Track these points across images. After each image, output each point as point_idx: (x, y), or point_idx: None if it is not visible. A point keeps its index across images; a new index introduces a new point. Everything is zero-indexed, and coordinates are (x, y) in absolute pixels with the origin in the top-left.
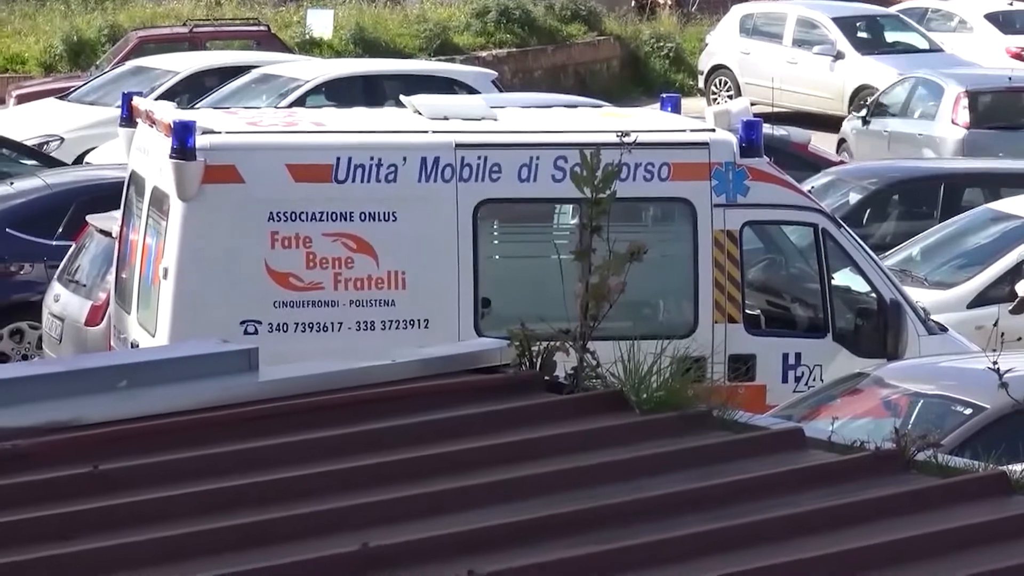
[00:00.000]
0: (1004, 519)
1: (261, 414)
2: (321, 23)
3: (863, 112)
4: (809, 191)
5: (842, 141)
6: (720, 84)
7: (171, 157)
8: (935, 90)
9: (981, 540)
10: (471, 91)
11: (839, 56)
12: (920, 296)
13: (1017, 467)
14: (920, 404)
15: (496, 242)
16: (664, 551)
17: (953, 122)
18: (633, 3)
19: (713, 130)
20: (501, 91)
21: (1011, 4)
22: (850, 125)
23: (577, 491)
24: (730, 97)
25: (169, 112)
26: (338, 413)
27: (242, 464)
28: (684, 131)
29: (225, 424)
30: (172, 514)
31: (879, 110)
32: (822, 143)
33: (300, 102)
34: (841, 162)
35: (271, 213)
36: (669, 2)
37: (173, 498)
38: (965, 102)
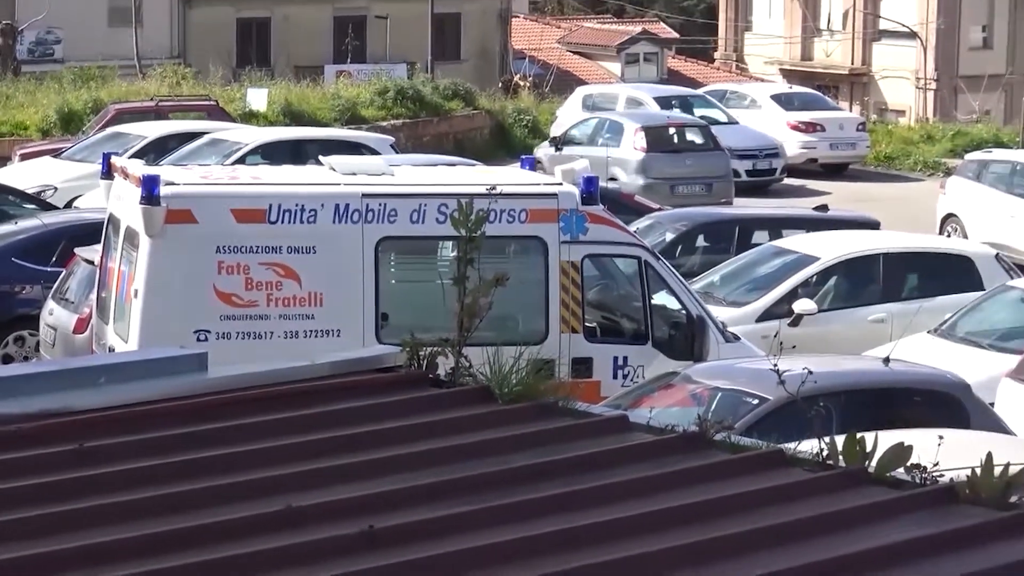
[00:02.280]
0: (781, 486)
1: (210, 404)
2: (258, 99)
3: (555, 142)
4: (634, 231)
5: (537, 162)
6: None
7: (140, 203)
8: (618, 127)
9: (764, 502)
10: (374, 152)
11: None
12: (719, 312)
13: (791, 445)
14: (719, 396)
15: (392, 270)
16: (515, 512)
17: (634, 148)
18: (500, 84)
19: (561, 184)
20: (397, 152)
21: (791, 88)
22: (542, 152)
23: (453, 464)
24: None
25: (139, 168)
26: (269, 403)
27: (194, 442)
28: (538, 185)
29: (182, 412)
30: (143, 480)
31: (568, 140)
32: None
33: (241, 161)
34: (660, 208)
35: (218, 246)
36: (527, 84)
37: (144, 468)
38: (642, 134)
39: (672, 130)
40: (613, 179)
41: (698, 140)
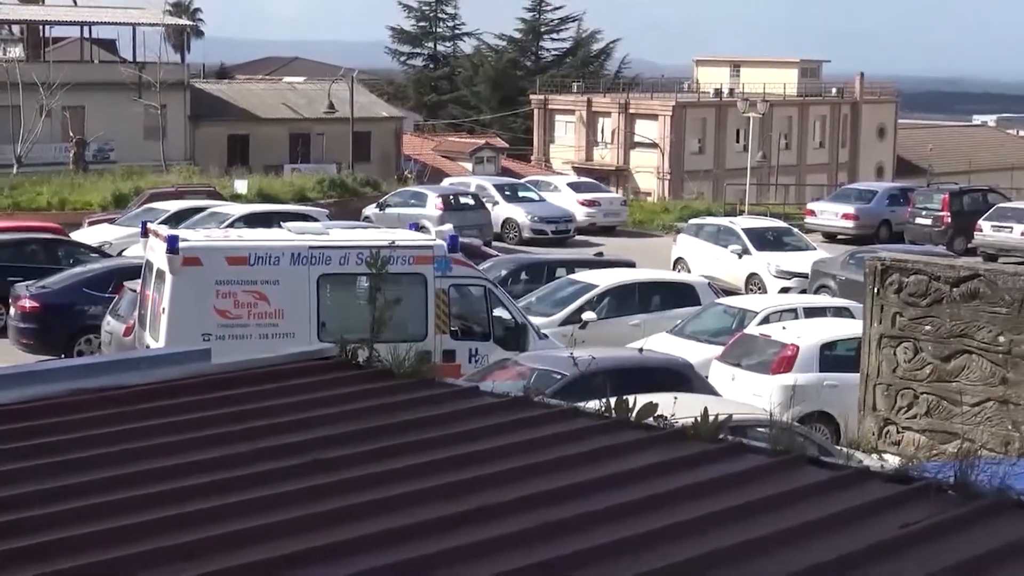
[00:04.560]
0: (574, 430)
1: (211, 380)
2: (241, 186)
3: (380, 205)
4: (482, 269)
5: (367, 218)
6: None
7: (166, 253)
8: (422, 195)
9: (561, 441)
10: (315, 220)
11: (497, 203)
12: (536, 320)
13: (581, 404)
14: (535, 374)
15: (328, 294)
16: (402, 448)
17: (436, 208)
18: (395, 176)
19: (435, 239)
20: (331, 220)
21: (579, 178)
22: (371, 211)
23: (369, 417)
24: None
25: (164, 230)
26: (250, 379)
27: (204, 404)
28: (420, 240)
29: (195, 386)
30: (167, 431)
31: (388, 204)
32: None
33: (231, 225)
34: (497, 255)
35: (216, 280)
36: (413, 176)
37: (167, 424)
38: (439, 199)
39: (457, 195)
40: (421, 227)
41: (471, 202)
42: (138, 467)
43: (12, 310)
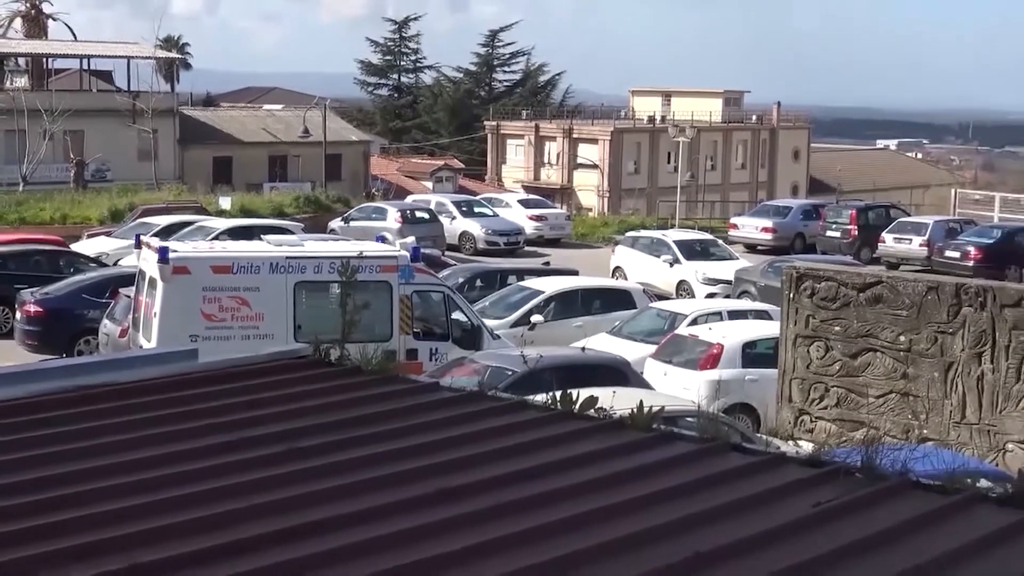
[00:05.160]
0: (523, 421)
1: (198, 377)
2: (225, 202)
3: (345, 219)
4: (441, 277)
5: (332, 231)
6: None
7: (158, 263)
8: (383, 211)
9: (512, 431)
10: (292, 233)
11: (454, 217)
12: (490, 322)
13: (529, 398)
14: (489, 370)
15: (303, 300)
16: (369, 437)
17: (396, 220)
18: (364, 194)
19: (399, 250)
20: (306, 233)
21: (529, 195)
22: (337, 224)
23: (339, 409)
24: None
25: (156, 242)
26: (234, 375)
27: (189, 398)
28: (385, 251)
29: (183, 382)
30: (158, 423)
31: (352, 218)
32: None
33: (216, 238)
34: (455, 264)
35: (203, 287)
36: (379, 194)
37: (158, 416)
38: (399, 213)
39: (414, 210)
40: (383, 238)
41: (427, 216)
42: (131, 456)
43: (18, 314)
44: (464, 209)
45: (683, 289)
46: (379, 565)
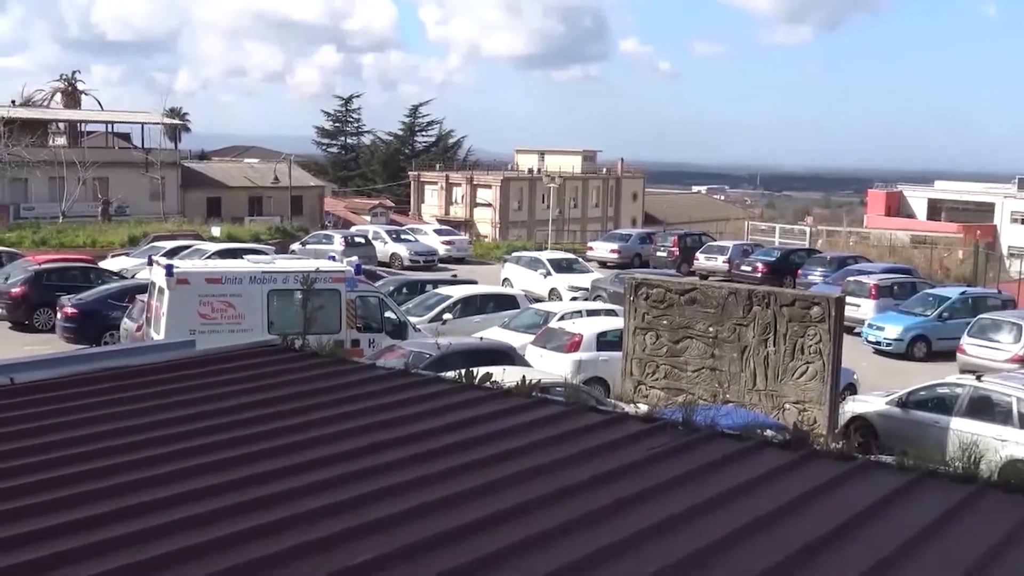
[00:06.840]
0: (438, 391)
1: (195, 360)
2: (216, 230)
3: (303, 243)
4: (377, 285)
5: (292, 251)
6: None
7: (165, 276)
8: (331, 237)
9: (428, 398)
10: (266, 254)
11: (387, 242)
12: (413, 319)
13: (442, 374)
14: (412, 354)
15: (275, 304)
16: (323, 407)
17: (340, 244)
18: (320, 226)
19: (345, 266)
20: (277, 254)
21: (441, 225)
22: (296, 247)
23: (302, 385)
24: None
25: (164, 260)
26: (222, 360)
27: (188, 376)
28: (336, 267)
29: (183, 364)
30: (163, 396)
31: (308, 241)
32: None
33: (209, 258)
34: (387, 276)
35: (199, 294)
36: (331, 224)
37: (164, 390)
38: (343, 239)
39: (354, 236)
40: (333, 258)
41: (363, 241)
42: (144, 419)
43: (59, 314)
44: (394, 236)
45: (554, 295)
46: (325, 498)
